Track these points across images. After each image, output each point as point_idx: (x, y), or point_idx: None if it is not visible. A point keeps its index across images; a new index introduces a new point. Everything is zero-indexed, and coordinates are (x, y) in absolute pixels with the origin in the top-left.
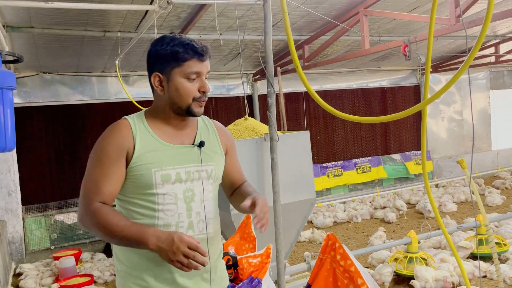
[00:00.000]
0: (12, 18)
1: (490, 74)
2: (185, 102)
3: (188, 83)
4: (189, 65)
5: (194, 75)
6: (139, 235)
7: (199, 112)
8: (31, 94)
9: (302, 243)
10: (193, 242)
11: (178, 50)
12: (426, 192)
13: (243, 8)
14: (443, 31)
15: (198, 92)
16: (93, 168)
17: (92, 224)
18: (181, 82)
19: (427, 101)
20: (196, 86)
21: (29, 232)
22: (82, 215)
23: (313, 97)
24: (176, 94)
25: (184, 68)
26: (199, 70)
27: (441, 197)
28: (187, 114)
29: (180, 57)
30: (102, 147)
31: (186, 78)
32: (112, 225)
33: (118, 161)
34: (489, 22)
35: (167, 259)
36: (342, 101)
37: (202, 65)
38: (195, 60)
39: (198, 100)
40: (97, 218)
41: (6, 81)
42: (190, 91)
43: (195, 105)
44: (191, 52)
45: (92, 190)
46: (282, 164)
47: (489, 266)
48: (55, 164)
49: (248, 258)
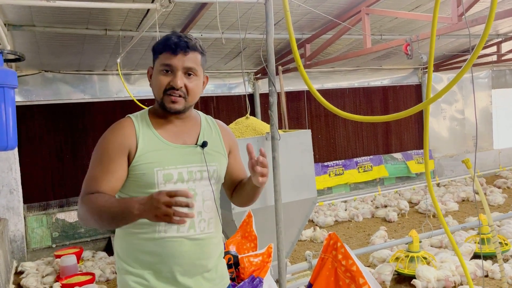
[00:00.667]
0: (14, 16)
1: (492, 73)
2: (158, 95)
3: (161, 76)
4: (162, 57)
5: (166, 67)
6: (124, 207)
7: (172, 108)
8: (32, 93)
9: (303, 242)
10: (171, 190)
11: (157, 43)
12: (429, 191)
13: (244, 7)
14: (445, 30)
15: (168, 85)
16: (93, 166)
17: (85, 213)
18: (156, 74)
19: (429, 101)
20: (169, 79)
21: (31, 231)
22: (78, 209)
23: (315, 95)
24: (153, 87)
25: (158, 60)
26: (170, 63)
27: (442, 196)
28: (162, 109)
29: (156, 50)
30: (104, 145)
31: (160, 70)
32: (100, 206)
33: (119, 159)
34: (493, 21)
35: (154, 218)
36: (343, 100)
37: (175, 59)
38: (166, 53)
39: (167, 94)
40: (88, 204)
41: (8, 80)
42: (160, 84)
43: (166, 99)
44: (164, 45)
45: (91, 187)
46: (284, 163)
47: (491, 265)
48: (56, 162)
49: (249, 257)
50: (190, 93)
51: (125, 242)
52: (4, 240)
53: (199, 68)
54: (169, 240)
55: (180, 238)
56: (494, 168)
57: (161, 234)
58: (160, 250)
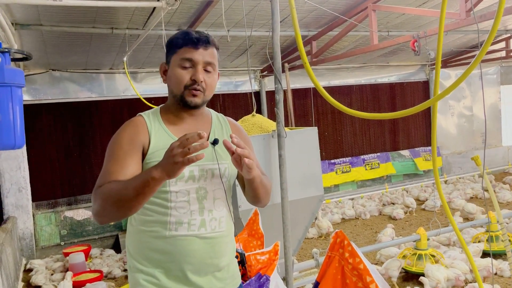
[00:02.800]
0: (21, 15)
1: (501, 69)
2: (178, 90)
3: (181, 71)
4: (181, 52)
5: (187, 62)
6: (144, 177)
7: (192, 102)
8: (40, 92)
9: (310, 239)
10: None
11: (175, 37)
12: (437, 188)
13: (250, 4)
14: (453, 25)
15: (189, 80)
16: (108, 162)
17: (102, 203)
18: (175, 69)
19: (437, 97)
20: (190, 74)
21: (39, 228)
22: (93, 204)
23: (321, 93)
24: (170, 82)
25: (178, 55)
26: (192, 57)
27: (450, 193)
28: (182, 104)
29: (175, 44)
30: (118, 142)
31: (179, 65)
32: (119, 189)
33: (135, 155)
34: (501, 16)
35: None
36: (350, 97)
37: (196, 53)
38: (188, 47)
39: (189, 89)
40: (104, 193)
41: (15, 79)
42: (181, 78)
43: (187, 93)
44: (184, 39)
45: (105, 181)
46: (290, 160)
47: (500, 263)
48: (64, 160)
49: (256, 255)
50: (208, 88)
51: (136, 240)
52: (13, 237)
53: (216, 64)
54: (180, 238)
55: (190, 236)
56: (503, 165)
57: (172, 232)
58: (170, 248)
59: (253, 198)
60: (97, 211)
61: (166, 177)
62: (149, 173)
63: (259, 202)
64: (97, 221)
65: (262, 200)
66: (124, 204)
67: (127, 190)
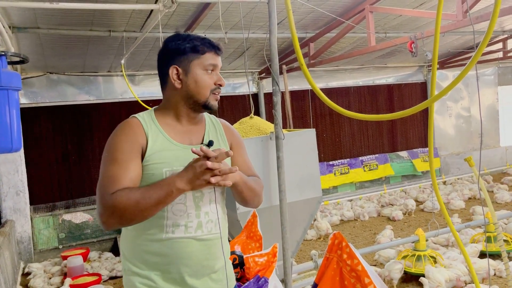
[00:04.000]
0: (18, 18)
1: (498, 69)
2: (203, 95)
3: (206, 76)
4: (207, 57)
5: (211, 67)
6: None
7: (215, 106)
8: (38, 95)
9: (309, 241)
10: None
11: (197, 44)
12: (434, 190)
13: (248, 6)
14: (449, 27)
15: (214, 85)
16: (109, 166)
17: (116, 213)
18: (200, 74)
19: (433, 98)
20: (214, 79)
21: (37, 232)
22: (102, 213)
23: (318, 95)
24: (195, 86)
25: (202, 60)
26: (216, 63)
27: (449, 194)
28: (203, 108)
29: (200, 49)
30: (117, 144)
31: (204, 70)
32: (138, 198)
33: (136, 158)
34: (497, 18)
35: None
36: (348, 98)
37: (218, 59)
38: (212, 53)
39: (214, 93)
40: (120, 203)
41: (12, 82)
42: (208, 83)
43: (212, 98)
44: (209, 45)
45: (113, 186)
46: (288, 162)
47: (499, 264)
48: (62, 163)
49: (255, 257)
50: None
51: (131, 243)
52: (11, 241)
53: None
54: (177, 241)
55: (187, 238)
56: (501, 165)
57: (169, 235)
58: (167, 251)
59: (240, 201)
60: (107, 217)
61: (190, 190)
62: (173, 184)
63: (248, 204)
64: (105, 227)
65: (250, 202)
66: (143, 213)
67: (149, 200)
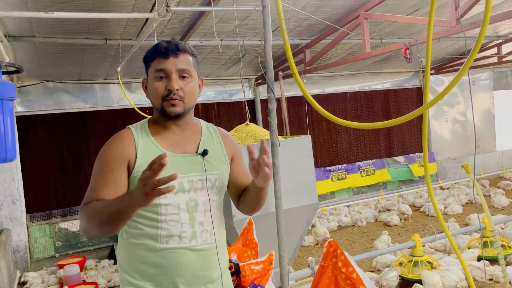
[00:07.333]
0: (14, 27)
1: (494, 74)
2: (157, 102)
3: (157, 82)
4: (154, 64)
5: (161, 73)
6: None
7: (172, 111)
8: (34, 103)
9: (306, 247)
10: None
11: (149, 51)
12: (429, 195)
13: (243, 14)
14: (443, 33)
15: (165, 90)
16: (94, 178)
17: (85, 222)
18: (151, 82)
19: (427, 105)
20: (165, 84)
21: (34, 240)
22: (80, 220)
23: (311, 103)
24: (150, 96)
25: (151, 67)
26: (163, 67)
27: (446, 199)
28: (164, 115)
29: (147, 58)
30: (104, 157)
31: (154, 77)
32: (99, 212)
33: (119, 170)
34: (487, 25)
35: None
36: (344, 104)
37: (167, 62)
38: (158, 58)
39: (167, 99)
40: (87, 213)
41: (6, 92)
42: (158, 91)
43: (166, 104)
44: (154, 51)
45: (90, 198)
46: (284, 169)
47: (496, 269)
48: (58, 171)
49: (251, 265)
50: (186, 95)
51: (126, 253)
52: (7, 250)
53: (192, 69)
54: (171, 251)
55: (182, 249)
56: (497, 170)
57: (163, 245)
58: (161, 261)
59: (253, 206)
60: (83, 228)
61: (138, 207)
62: (123, 201)
63: (255, 210)
64: (85, 237)
65: (257, 209)
66: (104, 226)
67: (105, 214)
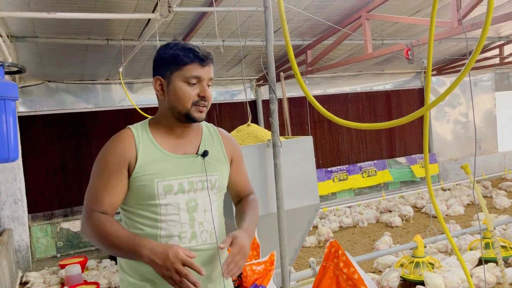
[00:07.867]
0: (17, 28)
1: (495, 75)
2: (183, 107)
3: (188, 87)
4: (189, 69)
5: (194, 79)
6: (134, 247)
7: (200, 118)
8: (36, 103)
9: (308, 248)
10: (187, 260)
11: (178, 54)
12: (430, 196)
13: (244, 15)
14: (445, 34)
15: (197, 97)
16: (94, 179)
17: (91, 234)
18: (180, 86)
19: (429, 106)
20: (196, 91)
21: (35, 240)
22: (83, 225)
23: (313, 104)
24: (175, 98)
25: (184, 72)
26: (199, 74)
27: (447, 200)
28: (186, 120)
29: (180, 61)
30: (104, 158)
31: (185, 82)
32: (109, 235)
33: (119, 172)
34: (489, 27)
35: (160, 274)
36: (346, 104)
37: (202, 70)
38: (195, 64)
39: (197, 105)
40: (96, 228)
41: (8, 92)
42: (189, 95)
43: (194, 110)
44: (191, 56)
45: (93, 201)
46: (286, 170)
47: (498, 270)
48: (60, 172)
49: (252, 266)
50: (209, 103)
51: None
52: (9, 250)
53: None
54: None
55: None
56: (499, 171)
57: None
58: None
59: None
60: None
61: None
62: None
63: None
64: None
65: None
66: (106, 247)
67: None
